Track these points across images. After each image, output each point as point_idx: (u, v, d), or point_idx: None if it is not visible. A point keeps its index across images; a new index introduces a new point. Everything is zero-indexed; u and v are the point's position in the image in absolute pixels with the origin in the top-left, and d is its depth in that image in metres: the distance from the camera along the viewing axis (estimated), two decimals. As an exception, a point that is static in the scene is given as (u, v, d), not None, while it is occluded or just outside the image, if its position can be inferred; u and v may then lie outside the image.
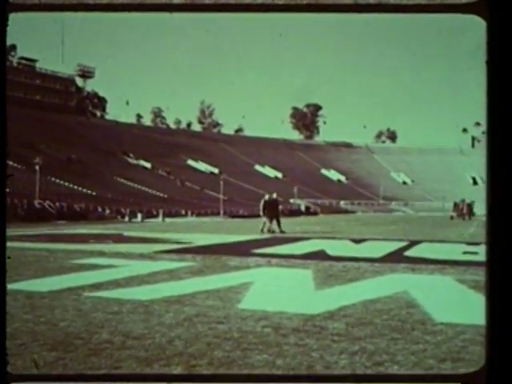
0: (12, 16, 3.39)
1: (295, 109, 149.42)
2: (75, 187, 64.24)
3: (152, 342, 4.74)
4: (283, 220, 25.44)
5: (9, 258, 3.47)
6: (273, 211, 23.46)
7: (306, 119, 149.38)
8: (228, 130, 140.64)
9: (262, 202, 23.64)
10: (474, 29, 3.32)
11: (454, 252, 13.85)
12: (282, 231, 22.66)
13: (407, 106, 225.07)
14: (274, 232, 22.54)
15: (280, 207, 26.49)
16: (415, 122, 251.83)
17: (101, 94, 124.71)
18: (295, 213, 73.40)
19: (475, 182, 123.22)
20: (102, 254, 12.76)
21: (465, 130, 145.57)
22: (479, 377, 3.35)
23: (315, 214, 71.14)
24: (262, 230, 22.85)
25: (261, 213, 23.55)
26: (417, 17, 3.47)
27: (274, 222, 23.29)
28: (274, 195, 24.55)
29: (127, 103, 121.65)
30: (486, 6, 3.32)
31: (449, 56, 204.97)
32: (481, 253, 13.66)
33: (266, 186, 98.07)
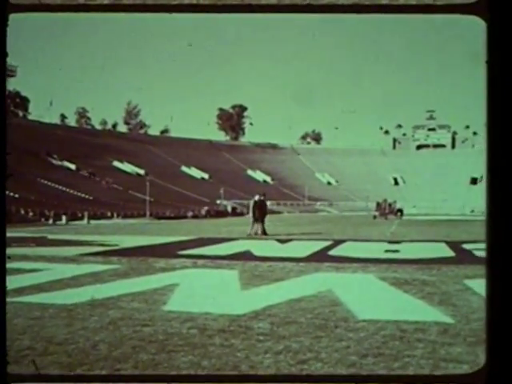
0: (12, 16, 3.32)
1: (221, 110, 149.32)
2: (-5, 189, 62.18)
3: (75, 347, 4.68)
4: (208, 222, 24.96)
5: (9, 257, 3.38)
6: (262, 212, 22.46)
7: (232, 120, 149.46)
8: (154, 131, 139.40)
9: (253, 203, 22.69)
10: (472, 29, 3.38)
11: (376, 250, 14.19)
12: (264, 232, 21.77)
13: (334, 108, 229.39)
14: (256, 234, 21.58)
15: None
16: (340, 123, 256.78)
17: (23, 93, 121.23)
18: (222, 214, 73.51)
19: (396, 183, 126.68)
20: (24, 257, 12.41)
21: (386, 132, 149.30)
22: (479, 377, 3.41)
23: (242, 214, 71.22)
24: (255, 233, 21.75)
25: (250, 214, 22.70)
26: (410, 17, 3.51)
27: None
28: (262, 196, 23.37)
29: (51, 104, 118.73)
30: (486, 6, 3.37)
31: (383, 58, 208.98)
32: (401, 250, 14.08)
33: (193, 187, 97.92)
